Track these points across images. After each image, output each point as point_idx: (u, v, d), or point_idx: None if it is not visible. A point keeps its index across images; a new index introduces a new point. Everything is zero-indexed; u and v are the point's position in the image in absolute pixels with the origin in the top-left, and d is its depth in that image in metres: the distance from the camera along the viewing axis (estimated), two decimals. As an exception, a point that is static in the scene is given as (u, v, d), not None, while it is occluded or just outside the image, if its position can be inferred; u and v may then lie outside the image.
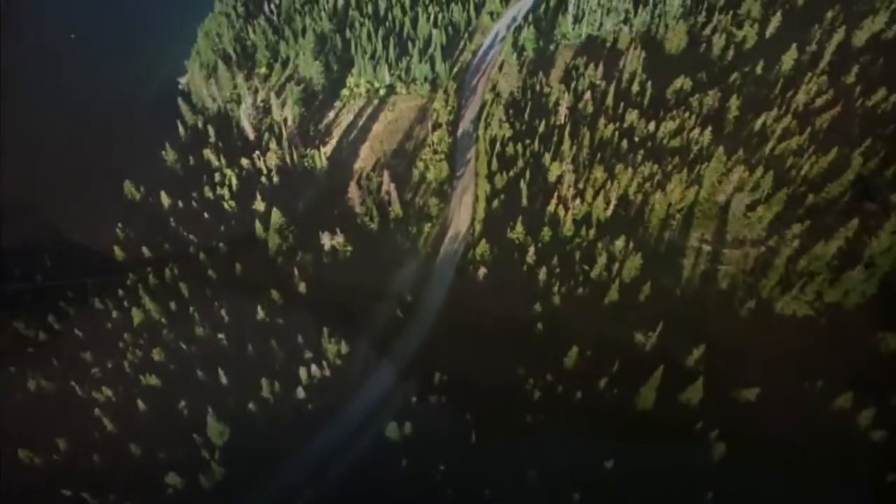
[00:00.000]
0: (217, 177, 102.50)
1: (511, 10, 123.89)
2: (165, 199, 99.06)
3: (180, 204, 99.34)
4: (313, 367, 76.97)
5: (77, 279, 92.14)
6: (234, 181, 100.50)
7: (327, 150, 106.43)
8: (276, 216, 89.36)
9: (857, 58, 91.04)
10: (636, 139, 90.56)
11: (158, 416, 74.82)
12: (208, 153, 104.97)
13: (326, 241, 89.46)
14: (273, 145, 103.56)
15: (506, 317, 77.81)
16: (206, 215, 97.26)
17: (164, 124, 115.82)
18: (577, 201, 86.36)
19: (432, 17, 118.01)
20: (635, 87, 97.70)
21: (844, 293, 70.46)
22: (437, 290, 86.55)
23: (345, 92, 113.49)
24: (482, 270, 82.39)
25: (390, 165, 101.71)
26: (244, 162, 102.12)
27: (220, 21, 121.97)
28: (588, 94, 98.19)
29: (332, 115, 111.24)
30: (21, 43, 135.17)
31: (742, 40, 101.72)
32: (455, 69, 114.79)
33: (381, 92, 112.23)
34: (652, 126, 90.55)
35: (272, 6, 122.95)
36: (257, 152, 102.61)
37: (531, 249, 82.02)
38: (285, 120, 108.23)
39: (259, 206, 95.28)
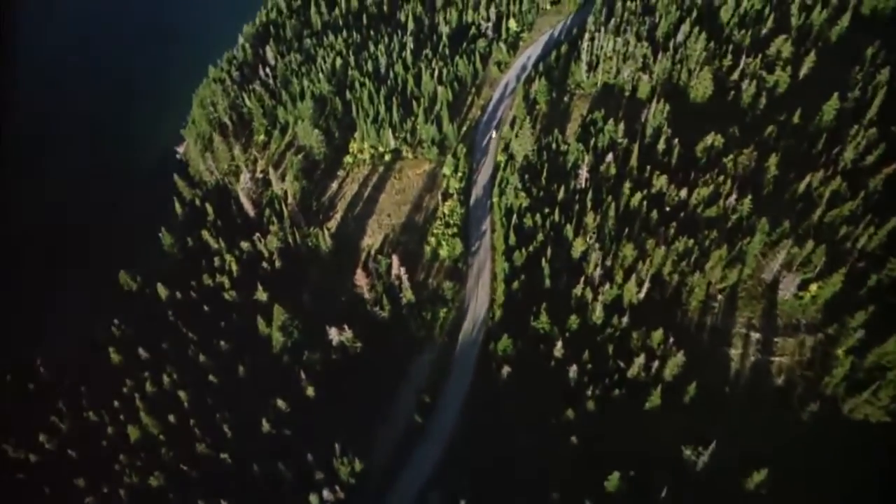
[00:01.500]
0: (216, 261, 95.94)
1: (520, 58, 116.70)
2: (163, 291, 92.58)
3: (178, 295, 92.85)
4: (325, 492, 69.60)
5: (71, 388, 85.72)
6: (234, 267, 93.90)
7: (331, 225, 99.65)
8: (279, 312, 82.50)
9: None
10: (667, 209, 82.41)
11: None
12: (207, 235, 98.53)
13: (334, 335, 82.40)
14: (274, 224, 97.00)
15: (535, 426, 69.88)
16: (205, 308, 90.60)
17: (162, 202, 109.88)
18: (606, 283, 78.36)
19: (436, 73, 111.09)
20: (661, 145, 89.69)
21: (925, 394, 61.69)
22: (457, 389, 79.10)
23: (348, 159, 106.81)
24: (506, 369, 74.47)
25: (400, 242, 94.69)
26: (244, 245, 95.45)
27: (213, 89, 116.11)
28: (610, 156, 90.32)
29: (335, 185, 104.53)
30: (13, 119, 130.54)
31: (774, 85, 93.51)
32: (464, 128, 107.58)
33: (387, 157, 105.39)
34: (683, 193, 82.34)
35: (267, 70, 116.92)
36: (257, 234, 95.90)
37: (559, 343, 74.09)
38: (286, 193, 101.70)
39: (261, 296, 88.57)
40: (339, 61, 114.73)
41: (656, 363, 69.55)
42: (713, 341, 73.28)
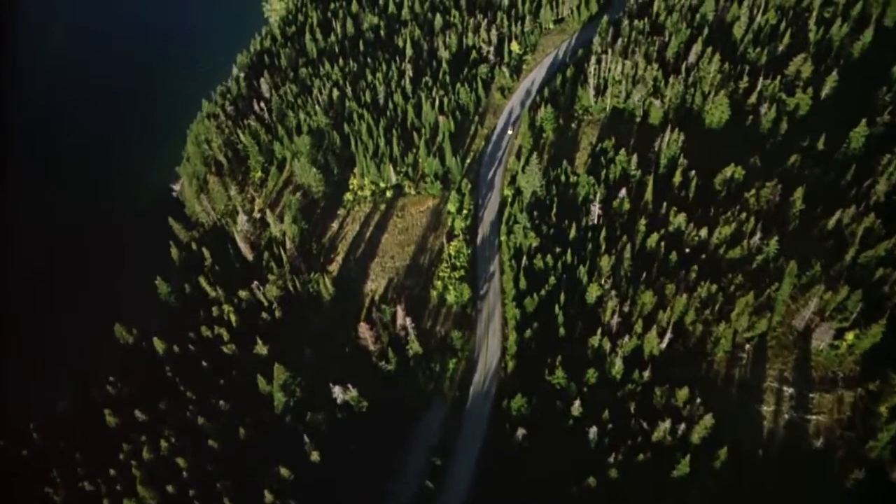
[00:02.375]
0: (215, 311, 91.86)
1: (524, 82, 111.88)
2: (160, 345, 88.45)
3: (176, 348, 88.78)
4: (333, 572, 65.29)
5: (66, 455, 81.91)
6: (232, 317, 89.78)
7: (332, 269, 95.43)
8: (280, 371, 78.35)
9: (943, 130, 77.04)
10: (686, 250, 77.42)
11: None
12: (204, 283, 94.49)
13: (339, 394, 78.19)
14: (273, 270, 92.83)
15: (555, 495, 65.13)
16: (204, 363, 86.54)
17: (158, 244, 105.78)
18: (624, 332, 73.58)
19: (437, 102, 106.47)
20: (677, 178, 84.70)
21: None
22: (469, 451, 74.73)
23: (348, 196, 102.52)
24: (520, 431, 69.79)
25: (404, 287, 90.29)
26: (243, 293, 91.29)
27: (207, 125, 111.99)
28: (623, 190, 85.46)
29: (335, 225, 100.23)
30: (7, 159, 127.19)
31: (794, 108, 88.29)
32: (468, 160, 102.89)
33: (388, 194, 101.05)
34: (703, 232, 77.34)
35: (262, 104, 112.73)
36: (256, 282, 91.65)
37: (576, 402, 69.39)
38: (284, 236, 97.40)
39: (261, 349, 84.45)
40: (335, 92, 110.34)
41: (683, 426, 64.63)
42: (743, 397, 68.40)
